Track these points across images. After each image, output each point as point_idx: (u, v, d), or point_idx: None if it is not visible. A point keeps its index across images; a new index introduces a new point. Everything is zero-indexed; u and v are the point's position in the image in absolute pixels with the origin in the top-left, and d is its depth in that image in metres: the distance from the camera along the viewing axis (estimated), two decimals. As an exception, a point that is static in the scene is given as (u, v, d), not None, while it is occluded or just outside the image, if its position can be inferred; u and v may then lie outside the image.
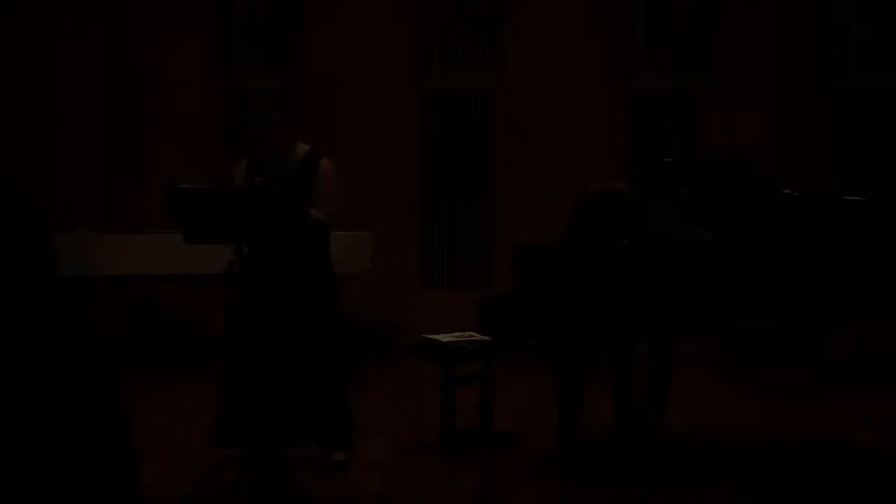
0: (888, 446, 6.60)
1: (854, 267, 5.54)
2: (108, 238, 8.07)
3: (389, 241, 9.46)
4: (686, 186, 6.21)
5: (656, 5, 10.01)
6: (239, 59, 10.49)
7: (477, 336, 6.65)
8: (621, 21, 9.93)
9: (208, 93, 10.31)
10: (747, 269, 5.60)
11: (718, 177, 6.04)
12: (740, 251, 5.77)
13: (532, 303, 5.77)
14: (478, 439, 6.58)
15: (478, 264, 10.28)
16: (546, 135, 9.92)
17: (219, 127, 10.28)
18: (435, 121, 10.32)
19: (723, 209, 6.07)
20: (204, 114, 10.25)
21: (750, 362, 9.35)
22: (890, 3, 9.69)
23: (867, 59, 9.76)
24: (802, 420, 7.25)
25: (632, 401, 6.17)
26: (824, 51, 9.69)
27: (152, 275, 7.97)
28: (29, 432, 2.39)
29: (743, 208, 5.87)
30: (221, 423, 5.67)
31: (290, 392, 5.63)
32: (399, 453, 6.33)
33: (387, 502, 5.48)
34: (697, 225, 6.32)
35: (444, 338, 6.63)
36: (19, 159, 9.73)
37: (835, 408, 7.66)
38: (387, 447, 6.42)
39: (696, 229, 6.39)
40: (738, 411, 7.59)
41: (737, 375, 9.09)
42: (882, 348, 9.17)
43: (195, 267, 7.19)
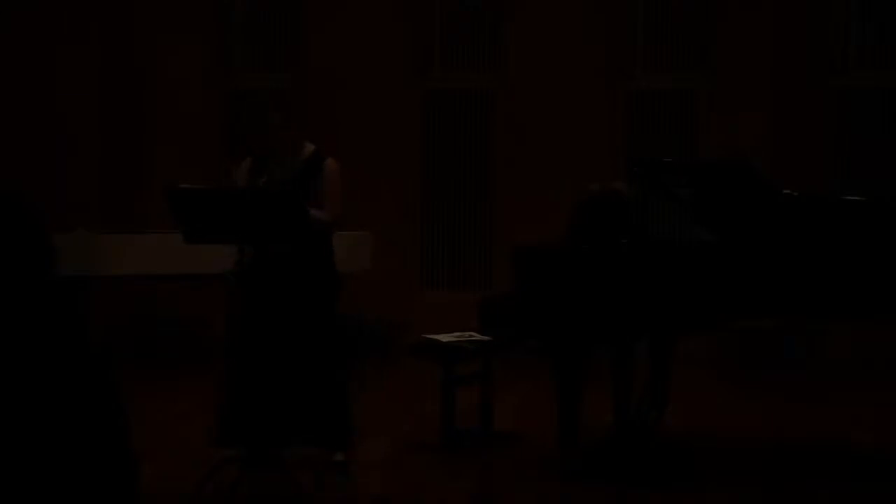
0: (888, 446, 6.60)
1: (854, 267, 5.54)
2: (108, 238, 8.06)
3: (389, 241, 9.45)
4: (686, 186, 6.21)
5: (656, 5, 10.01)
6: (239, 59, 10.49)
7: (477, 336, 6.64)
8: (621, 21, 9.93)
9: (208, 93, 10.31)
10: (747, 269, 5.60)
11: (718, 177, 6.04)
12: (740, 251, 5.77)
13: (532, 303, 5.77)
14: (478, 439, 6.58)
15: (478, 264, 10.28)
16: (546, 135, 9.92)
17: (219, 127, 10.28)
18: (435, 121, 10.32)
19: (723, 209, 6.06)
20: (204, 114, 10.25)
21: (750, 362, 9.35)
22: (890, 3, 9.69)
23: (867, 59, 9.76)
24: (802, 420, 7.25)
25: (632, 401, 6.17)
26: (824, 51, 9.69)
27: (152, 275, 7.96)
28: (29, 432, 2.39)
29: (743, 208, 5.87)
30: (221, 423, 5.67)
31: (291, 392, 5.62)
32: (399, 453, 6.33)
33: (387, 502, 5.48)
34: (697, 225, 6.32)
35: (444, 338, 6.63)
36: (19, 159, 9.72)
37: (835, 408, 7.66)
38: (387, 447, 6.42)
39: (696, 229, 6.39)
40: (738, 411, 7.58)
41: (737, 375, 9.09)
42: (882, 348, 9.17)
43: (195, 267, 7.19)
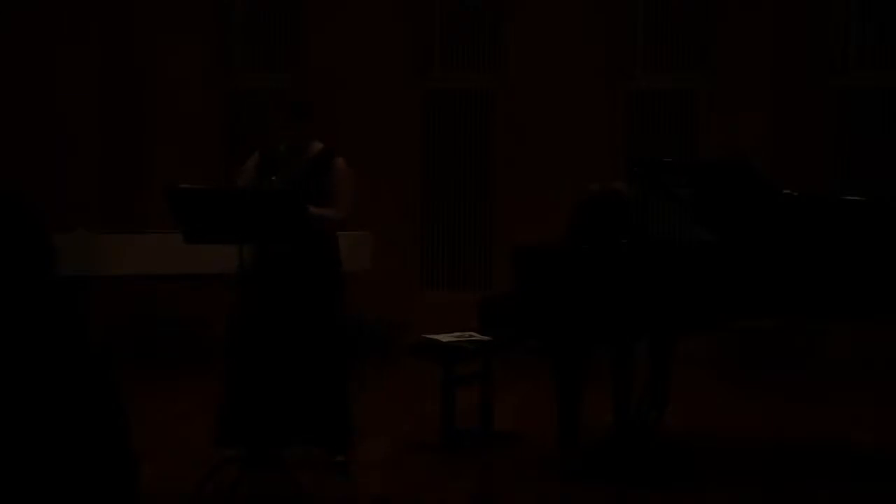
0: (888, 446, 6.60)
1: (854, 267, 5.54)
2: (108, 238, 8.06)
3: (389, 241, 9.45)
4: (686, 186, 6.21)
5: (656, 5, 10.01)
6: (239, 59, 10.49)
7: (477, 336, 6.64)
8: (621, 21, 9.92)
9: (208, 93, 10.31)
10: (747, 269, 5.60)
11: (718, 177, 6.04)
12: (740, 251, 5.77)
13: (532, 303, 5.77)
14: (478, 439, 6.57)
15: (478, 264, 10.28)
16: (546, 135, 9.91)
17: (219, 127, 10.28)
18: (435, 121, 10.32)
19: (723, 209, 6.06)
20: (204, 114, 10.25)
21: (750, 362, 9.35)
22: (890, 3, 9.68)
23: (867, 59, 9.76)
24: (802, 420, 7.25)
25: (632, 401, 6.17)
26: (824, 51, 9.69)
27: (152, 275, 7.96)
28: (29, 432, 2.39)
29: (743, 208, 5.87)
30: (222, 423, 5.67)
31: (291, 392, 5.62)
32: (399, 453, 6.33)
33: (387, 502, 5.48)
34: (697, 225, 6.31)
35: (444, 338, 6.63)
36: (19, 159, 9.72)
37: (835, 408, 7.66)
38: (387, 447, 6.42)
39: (696, 229, 6.39)
40: (738, 411, 7.58)
41: (737, 375, 9.08)
42: (882, 348, 9.16)
43: (195, 267, 7.19)
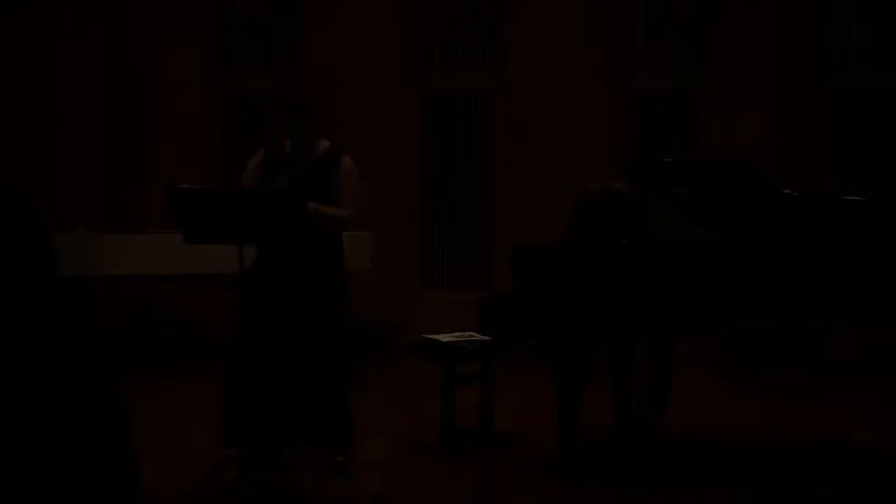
0: (888, 446, 6.60)
1: (854, 267, 5.54)
2: (108, 238, 8.07)
3: (389, 241, 9.45)
4: (686, 186, 6.21)
5: (656, 5, 10.01)
6: (239, 59, 10.49)
7: (477, 336, 6.64)
8: (621, 21, 9.92)
9: (208, 93, 10.31)
10: (747, 269, 5.60)
11: (718, 177, 6.04)
12: (740, 251, 5.77)
13: (532, 303, 5.77)
14: (478, 439, 6.57)
15: (478, 264, 10.28)
16: (546, 135, 9.91)
17: (219, 127, 10.28)
18: (435, 121, 10.32)
19: (723, 209, 6.06)
20: (204, 114, 10.25)
21: (750, 362, 9.35)
22: (890, 3, 9.69)
23: (867, 59, 9.76)
24: (802, 420, 7.25)
25: (632, 401, 6.17)
26: (824, 51, 9.69)
27: (152, 275, 7.97)
28: (29, 432, 2.39)
29: (743, 208, 5.87)
30: (224, 424, 5.66)
31: (291, 392, 5.62)
32: (399, 453, 6.33)
33: (387, 502, 5.48)
34: (697, 225, 6.31)
35: (444, 338, 6.63)
36: (19, 159, 9.72)
37: (835, 408, 7.66)
38: (387, 447, 6.42)
39: (696, 229, 6.39)
40: (738, 411, 7.58)
41: (737, 375, 9.08)
42: (882, 348, 9.16)
43: (195, 267, 7.20)
